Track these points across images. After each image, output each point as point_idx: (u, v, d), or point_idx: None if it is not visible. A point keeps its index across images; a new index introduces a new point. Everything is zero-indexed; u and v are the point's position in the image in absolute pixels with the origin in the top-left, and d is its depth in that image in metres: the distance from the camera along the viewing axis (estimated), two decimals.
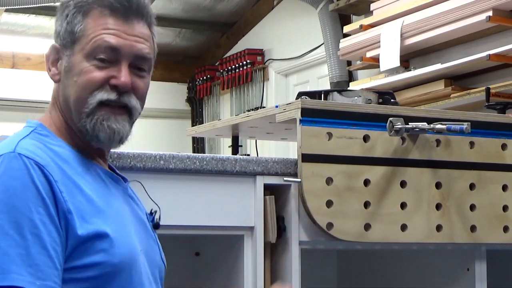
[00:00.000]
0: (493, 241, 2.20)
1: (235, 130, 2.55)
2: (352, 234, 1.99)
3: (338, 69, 5.18)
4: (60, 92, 1.59)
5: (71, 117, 1.58)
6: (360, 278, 2.71)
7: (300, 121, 1.96)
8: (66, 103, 1.58)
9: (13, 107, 7.44)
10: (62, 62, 1.59)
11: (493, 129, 2.21)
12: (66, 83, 1.57)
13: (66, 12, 1.59)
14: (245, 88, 6.62)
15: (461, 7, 3.85)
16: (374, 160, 2.03)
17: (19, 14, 6.78)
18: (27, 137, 1.52)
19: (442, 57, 4.24)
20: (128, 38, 1.57)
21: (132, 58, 1.57)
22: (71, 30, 1.57)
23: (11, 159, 1.44)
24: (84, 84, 1.55)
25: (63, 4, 1.61)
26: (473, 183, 2.16)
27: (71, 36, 1.57)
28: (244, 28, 6.82)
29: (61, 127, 1.59)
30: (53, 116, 1.61)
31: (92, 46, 1.55)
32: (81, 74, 1.56)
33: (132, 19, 1.58)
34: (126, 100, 1.57)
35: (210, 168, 1.91)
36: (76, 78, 1.56)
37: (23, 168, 1.43)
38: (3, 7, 5.93)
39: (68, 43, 1.57)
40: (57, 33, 1.59)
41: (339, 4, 4.98)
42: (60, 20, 1.59)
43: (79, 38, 1.57)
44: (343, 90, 2.24)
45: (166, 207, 1.81)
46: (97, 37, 1.56)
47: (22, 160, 1.44)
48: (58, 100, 1.60)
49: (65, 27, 1.58)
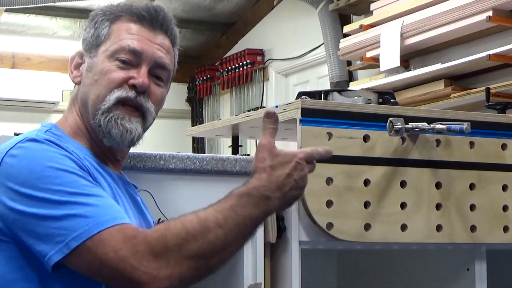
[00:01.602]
0: (493, 241, 2.20)
1: (235, 130, 2.55)
2: (352, 234, 1.99)
3: (338, 69, 5.18)
4: (79, 92, 1.64)
5: (87, 116, 1.62)
6: (360, 278, 2.71)
7: (300, 121, 1.96)
8: (84, 102, 1.62)
9: (13, 107, 7.43)
10: (84, 65, 1.65)
11: (493, 129, 2.21)
12: (86, 82, 1.62)
13: (95, 20, 1.66)
14: (245, 88, 6.62)
15: (461, 7, 3.85)
16: (374, 160, 2.03)
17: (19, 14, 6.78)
18: (43, 133, 1.55)
19: (442, 57, 4.24)
20: (151, 45, 1.63)
21: (152, 64, 1.62)
22: (97, 34, 1.64)
23: (32, 141, 1.49)
24: (105, 82, 1.59)
25: (94, 14, 1.67)
26: (473, 183, 2.16)
27: (96, 40, 1.64)
28: (244, 28, 6.82)
29: (76, 129, 1.62)
30: (69, 118, 1.65)
31: (115, 47, 1.61)
32: (102, 72, 1.61)
33: (157, 30, 1.65)
34: (142, 100, 1.61)
35: (210, 168, 1.91)
36: (97, 76, 1.61)
37: (44, 147, 1.48)
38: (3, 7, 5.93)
39: (93, 46, 1.64)
40: (83, 39, 1.66)
41: (339, 4, 4.98)
42: (88, 28, 1.66)
43: (104, 40, 1.63)
44: (343, 90, 2.24)
45: (166, 207, 1.81)
46: (121, 39, 1.62)
47: (43, 142, 1.49)
48: (76, 102, 1.65)
49: (92, 32, 1.65)
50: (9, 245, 1.44)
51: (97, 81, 1.60)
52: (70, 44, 7.20)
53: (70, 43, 7.20)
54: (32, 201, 1.41)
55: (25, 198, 1.41)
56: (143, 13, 1.64)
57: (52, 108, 7.61)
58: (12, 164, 1.45)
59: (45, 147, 1.47)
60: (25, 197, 1.41)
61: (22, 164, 1.44)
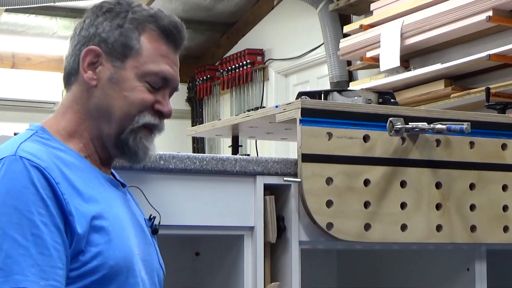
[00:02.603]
0: (493, 241, 2.20)
1: (235, 130, 2.55)
2: (352, 234, 1.99)
3: (338, 69, 5.18)
4: (95, 98, 1.59)
5: (99, 125, 1.59)
6: (360, 278, 2.71)
7: (300, 121, 1.96)
8: (103, 111, 1.59)
9: (13, 107, 7.43)
10: (103, 69, 1.59)
11: (493, 129, 2.21)
12: (110, 93, 1.58)
13: (119, 22, 1.59)
14: (245, 88, 6.62)
15: (461, 7, 3.85)
16: (374, 160, 2.03)
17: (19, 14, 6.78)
18: (28, 140, 1.52)
19: (442, 57, 4.24)
20: (175, 70, 1.64)
21: (171, 90, 1.64)
22: (126, 44, 1.59)
23: (12, 162, 1.44)
24: (137, 102, 1.58)
25: (113, 10, 1.60)
26: (473, 183, 2.16)
27: (125, 50, 1.59)
28: (244, 28, 6.82)
29: (73, 132, 1.58)
30: (65, 120, 1.60)
31: (149, 69, 1.59)
32: (133, 91, 1.59)
33: (177, 49, 1.65)
34: (164, 126, 1.64)
35: (210, 168, 1.91)
36: (126, 93, 1.58)
37: (23, 170, 1.43)
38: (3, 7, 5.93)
39: (119, 55, 1.59)
40: (102, 38, 1.59)
41: (339, 4, 4.98)
42: (108, 26, 1.59)
43: (134, 55, 1.59)
44: (343, 90, 2.24)
45: (166, 207, 1.81)
46: (155, 62, 1.60)
47: (23, 163, 1.44)
48: (84, 104, 1.60)
49: (117, 37, 1.58)
50: None
51: (127, 98, 1.58)
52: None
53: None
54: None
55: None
56: (171, 30, 1.62)
57: (52, 108, 7.60)
58: None
59: (11, 176, 1.43)
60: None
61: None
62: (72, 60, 1.62)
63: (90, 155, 1.59)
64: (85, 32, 1.60)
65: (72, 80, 1.62)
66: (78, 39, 1.61)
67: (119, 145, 1.59)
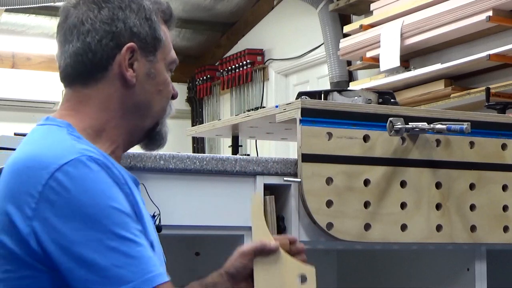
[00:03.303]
0: (493, 241, 2.20)
1: (235, 130, 2.55)
2: (352, 234, 1.99)
3: (338, 69, 5.18)
4: (134, 95, 1.55)
5: (134, 121, 1.56)
6: (360, 278, 2.71)
7: (300, 121, 1.96)
8: (140, 107, 1.56)
9: (13, 107, 7.44)
10: (139, 65, 1.55)
11: (493, 129, 2.21)
12: (148, 89, 1.56)
13: (146, 15, 1.56)
14: (245, 88, 6.61)
15: (461, 7, 3.85)
16: (374, 160, 2.03)
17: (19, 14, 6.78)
18: (72, 139, 1.45)
19: (442, 57, 4.24)
20: None
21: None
22: (155, 36, 1.57)
23: (85, 163, 1.38)
24: (168, 95, 1.60)
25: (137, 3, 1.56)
26: (473, 183, 2.16)
27: (155, 42, 1.57)
28: (244, 28, 6.82)
29: (100, 131, 1.52)
30: (92, 116, 1.52)
31: (171, 58, 1.61)
32: (165, 84, 1.59)
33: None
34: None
35: (210, 168, 1.91)
36: (161, 87, 1.58)
37: (100, 170, 1.39)
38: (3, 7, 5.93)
39: (152, 49, 1.56)
40: (133, 32, 1.54)
41: (339, 4, 4.98)
42: (136, 20, 1.54)
43: (161, 46, 1.58)
44: (343, 90, 2.24)
45: (166, 207, 1.81)
46: (172, 51, 1.62)
47: (96, 163, 1.39)
48: (119, 102, 1.54)
49: (148, 31, 1.55)
50: (43, 274, 1.36)
51: (161, 92, 1.58)
52: None
53: None
54: (78, 237, 1.33)
55: (71, 232, 1.33)
56: (172, 14, 1.62)
57: (52, 108, 7.60)
58: (59, 192, 1.34)
59: (95, 176, 1.37)
60: (71, 232, 1.33)
61: (71, 195, 1.34)
62: (93, 56, 1.52)
63: (115, 151, 1.54)
64: (108, 26, 1.52)
65: (96, 76, 1.53)
66: (101, 34, 1.52)
67: (150, 136, 1.60)
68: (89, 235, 1.33)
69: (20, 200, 1.36)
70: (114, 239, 1.33)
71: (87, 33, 1.52)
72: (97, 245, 1.33)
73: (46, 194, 1.35)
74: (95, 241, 1.33)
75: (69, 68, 1.55)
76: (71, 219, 1.33)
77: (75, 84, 1.55)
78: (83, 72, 1.53)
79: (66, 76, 1.57)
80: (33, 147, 1.44)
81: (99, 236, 1.33)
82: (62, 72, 1.58)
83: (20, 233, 1.35)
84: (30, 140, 1.48)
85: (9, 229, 1.36)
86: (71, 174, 1.35)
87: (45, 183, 1.35)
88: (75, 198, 1.34)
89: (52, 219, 1.34)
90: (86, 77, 1.54)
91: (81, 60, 1.53)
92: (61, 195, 1.34)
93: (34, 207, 1.35)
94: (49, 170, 1.36)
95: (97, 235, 1.33)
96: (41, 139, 1.46)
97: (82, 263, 1.32)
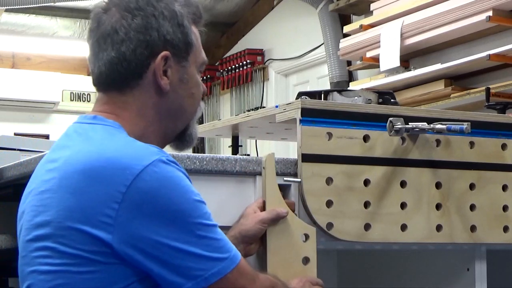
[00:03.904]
0: (493, 241, 2.20)
1: (235, 130, 2.55)
2: (352, 234, 1.99)
3: (338, 69, 5.18)
4: (168, 101, 1.58)
5: (168, 124, 1.60)
6: (360, 278, 2.71)
7: (300, 121, 1.96)
8: (177, 113, 1.60)
9: (13, 107, 7.44)
10: (172, 71, 1.58)
11: (493, 129, 2.21)
12: (181, 93, 1.59)
13: (178, 21, 1.58)
14: (245, 88, 6.62)
15: (461, 7, 3.86)
16: (374, 160, 2.03)
17: (19, 14, 6.79)
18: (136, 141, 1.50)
19: (442, 57, 4.24)
20: None
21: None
22: (187, 41, 1.59)
23: (165, 166, 1.45)
24: (199, 96, 1.63)
25: (170, 9, 1.57)
26: (473, 183, 2.16)
27: (187, 48, 1.59)
28: (244, 28, 6.82)
29: (138, 135, 1.55)
30: (131, 122, 1.56)
31: (202, 60, 1.63)
32: (197, 86, 1.62)
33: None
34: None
35: (210, 168, 1.91)
36: (194, 90, 1.61)
37: (177, 168, 1.48)
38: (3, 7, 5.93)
39: (184, 54, 1.59)
40: (167, 40, 1.56)
41: (339, 4, 4.98)
42: (169, 27, 1.56)
43: (192, 49, 1.60)
44: (343, 90, 2.24)
45: None
46: (202, 52, 1.64)
47: (176, 168, 1.48)
48: (155, 108, 1.57)
49: (180, 37, 1.58)
50: (121, 267, 1.42)
51: (194, 95, 1.61)
52: (70, 44, 7.21)
53: (70, 43, 7.20)
54: (169, 233, 1.41)
55: (162, 229, 1.41)
56: (201, 14, 1.64)
57: (52, 108, 7.61)
58: (147, 192, 1.41)
59: (177, 174, 1.46)
60: (162, 228, 1.41)
61: (160, 194, 1.42)
62: (128, 65, 1.55)
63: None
64: (142, 35, 1.54)
65: (130, 84, 1.56)
66: (135, 43, 1.54)
67: (181, 137, 1.64)
68: (181, 228, 1.42)
69: (96, 203, 1.40)
70: (202, 229, 1.45)
71: (121, 42, 1.54)
72: (190, 236, 1.43)
73: (131, 194, 1.40)
74: (187, 232, 1.43)
75: (104, 76, 1.57)
76: (161, 217, 1.41)
77: (111, 91, 1.58)
78: (118, 80, 1.56)
79: (100, 82, 1.59)
80: (100, 148, 1.46)
81: (190, 227, 1.43)
82: (96, 78, 1.60)
83: (98, 237, 1.40)
84: (89, 139, 1.50)
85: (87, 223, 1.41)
86: (157, 175, 1.42)
87: (130, 184, 1.40)
88: (165, 196, 1.42)
89: (139, 219, 1.40)
90: (121, 85, 1.57)
91: (116, 69, 1.55)
92: (149, 195, 1.41)
93: (117, 208, 1.39)
94: (133, 171, 1.41)
95: (189, 227, 1.43)
96: (105, 140, 1.49)
97: (177, 254, 1.41)
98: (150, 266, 1.42)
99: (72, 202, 1.42)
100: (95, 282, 1.41)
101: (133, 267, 1.42)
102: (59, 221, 1.43)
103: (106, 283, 1.41)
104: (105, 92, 1.59)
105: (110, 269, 1.41)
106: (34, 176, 1.56)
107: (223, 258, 1.46)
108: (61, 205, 1.43)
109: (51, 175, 1.48)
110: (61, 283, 1.42)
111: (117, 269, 1.41)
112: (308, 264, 1.86)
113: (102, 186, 1.40)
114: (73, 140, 1.53)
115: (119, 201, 1.39)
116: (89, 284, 1.41)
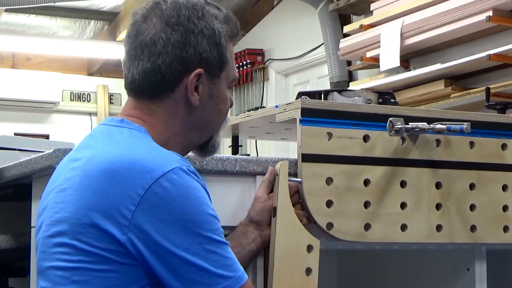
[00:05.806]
0: (493, 241, 2.20)
1: (235, 130, 2.55)
2: (352, 234, 1.99)
3: (338, 69, 5.18)
4: (195, 115, 1.62)
5: (193, 136, 1.64)
6: (360, 278, 2.71)
7: (300, 121, 1.96)
8: (200, 125, 1.63)
9: (13, 107, 7.44)
10: (203, 87, 1.61)
11: (493, 129, 2.21)
12: (209, 109, 1.63)
13: (216, 39, 1.60)
14: (245, 88, 6.62)
15: (461, 7, 3.86)
16: (374, 160, 2.03)
17: (19, 14, 6.79)
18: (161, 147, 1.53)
19: (442, 57, 4.24)
20: None
21: None
22: (222, 60, 1.62)
23: (184, 175, 1.47)
24: (226, 111, 1.68)
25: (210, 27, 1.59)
26: (473, 183, 2.16)
27: (221, 65, 1.62)
28: (244, 28, 6.80)
29: (162, 143, 1.57)
30: (156, 131, 1.59)
31: (233, 76, 1.67)
32: (225, 101, 1.67)
33: None
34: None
35: (210, 168, 1.91)
36: (221, 106, 1.66)
37: (195, 179, 1.49)
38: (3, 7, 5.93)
39: (217, 71, 1.62)
40: (203, 58, 1.58)
41: (339, 4, 4.98)
42: (207, 46, 1.59)
43: (226, 67, 1.63)
44: (343, 90, 2.24)
45: None
46: (235, 68, 1.68)
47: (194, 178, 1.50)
48: (182, 120, 1.61)
49: (216, 56, 1.60)
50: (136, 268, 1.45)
51: (221, 110, 1.66)
52: (70, 44, 7.21)
53: (70, 43, 7.21)
54: (179, 242, 1.43)
55: (172, 236, 1.43)
56: (239, 31, 1.67)
57: (52, 108, 7.61)
58: (163, 197, 1.43)
59: (195, 185, 1.48)
60: (172, 235, 1.43)
61: (176, 201, 1.44)
62: (162, 77, 1.57)
63: None
64: (179, 51, 1.57)
65: (161, 95, 1.59)
66: (171, 58, 1.56)
67: (205, 147, 1.68)
68: (191, 238, 1.43)
69: (115, 203, 1.42)
70: (211, 243, 1.45)
71: (158, 55, 1.57)
72: (198, 249, 1.44)
73: (148, 197, 1.42)
74: (196, 244, 1.43)
75: (137, 84, 1.60)
76: (173, 224, 1.42)
77: (142, 97, 1.61)
78: (150, 90, 1.59)
79: (132, 88, 1.62)
80: (124, 150, 1.49)
81: (200, 240, 1.44)
82: (128, 83, 1.62)
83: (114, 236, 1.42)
84: (114, 141, 1.53)
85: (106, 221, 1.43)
86: (175, 182, 1.44)
87: (148, 188, 1.42)
88: (180, 204, 1.43)
89: (152, 222, 1.42)
90: (152, 94, 1.60)
91: (149, 79, 1.58)
92: (164, 200, 1.42)
93: (133, 210, 1.42)
94: (153, 175, 1.43)
95: (198, 239, 1.44)
96: (130, 143, 1.52)
97: (184, 264, 1.42)
98: (158, 270, 1.43)
99: (92, 200, 1.44)
100: (111, 280, 1.43)
101: (146, 270, 1.44)
102: (78, 218, 1.44)
103: (121, 283, 1.43)
104: (135, 98, 1.62)
105: (125, 270, 1.43)
106: (57, 174, 1.58)
107: (229, 276, 1.47)
108: (81, 203, 1.45)
109: (74, 173, 1.51)
110: (78, 279, 1.44)
111: (132, 270, 1.43)
112: (310, 275, 1.86)
113: (123, 187, 1.43)
114: (98, 140, 1.56)
115: (136, 203, 1.42)
116: (105, 282, 1.42)
